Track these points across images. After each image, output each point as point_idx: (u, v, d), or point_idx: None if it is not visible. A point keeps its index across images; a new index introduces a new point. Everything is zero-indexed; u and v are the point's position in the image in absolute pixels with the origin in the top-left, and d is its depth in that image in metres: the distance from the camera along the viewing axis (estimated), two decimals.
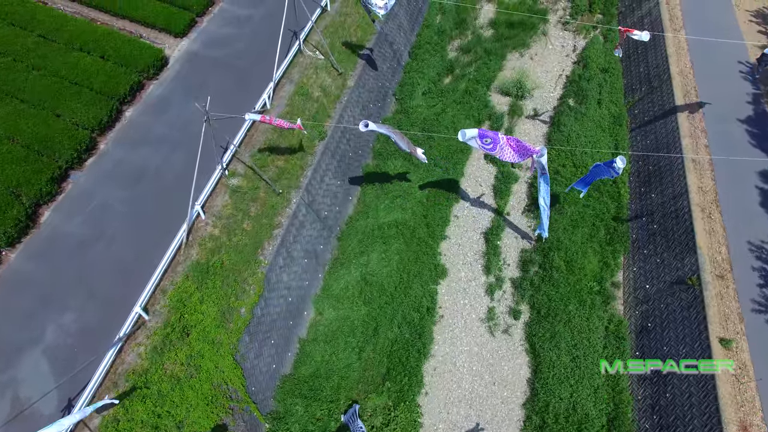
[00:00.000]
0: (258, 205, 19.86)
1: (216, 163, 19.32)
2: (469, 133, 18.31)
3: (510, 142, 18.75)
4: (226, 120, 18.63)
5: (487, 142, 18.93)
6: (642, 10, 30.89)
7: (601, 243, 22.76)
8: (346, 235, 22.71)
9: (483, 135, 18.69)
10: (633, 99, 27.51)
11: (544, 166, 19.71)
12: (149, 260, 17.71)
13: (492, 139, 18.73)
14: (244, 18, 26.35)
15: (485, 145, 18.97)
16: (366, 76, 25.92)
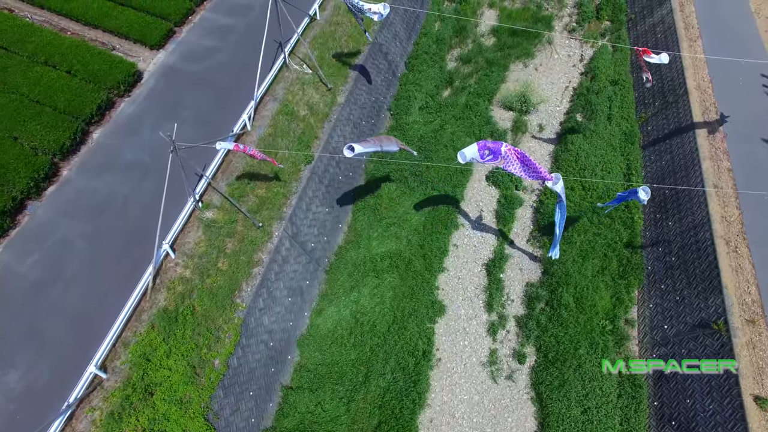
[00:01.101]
0: (235, 241, 17.63)
1: (188, 195, 17.08)
2: (468, 153, 15.96)
3: (515, 153, 16.37)
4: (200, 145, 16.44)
5: (487, 154, 16.59)
6: (654, 17, 28.53)
7: (613, 276, 20.52)
8: (335, 268, 20.48)
9: (482, 148, 16.34)
10: (646, 114, 25.21)
11: (561, 194, 17.47)
12: (111, 307, 15.48)
13: (492, 150, 16.36)
14: (227, 28, 24.02)
15: (486, 158, 16.61)
16: (358, 91, 23.61)
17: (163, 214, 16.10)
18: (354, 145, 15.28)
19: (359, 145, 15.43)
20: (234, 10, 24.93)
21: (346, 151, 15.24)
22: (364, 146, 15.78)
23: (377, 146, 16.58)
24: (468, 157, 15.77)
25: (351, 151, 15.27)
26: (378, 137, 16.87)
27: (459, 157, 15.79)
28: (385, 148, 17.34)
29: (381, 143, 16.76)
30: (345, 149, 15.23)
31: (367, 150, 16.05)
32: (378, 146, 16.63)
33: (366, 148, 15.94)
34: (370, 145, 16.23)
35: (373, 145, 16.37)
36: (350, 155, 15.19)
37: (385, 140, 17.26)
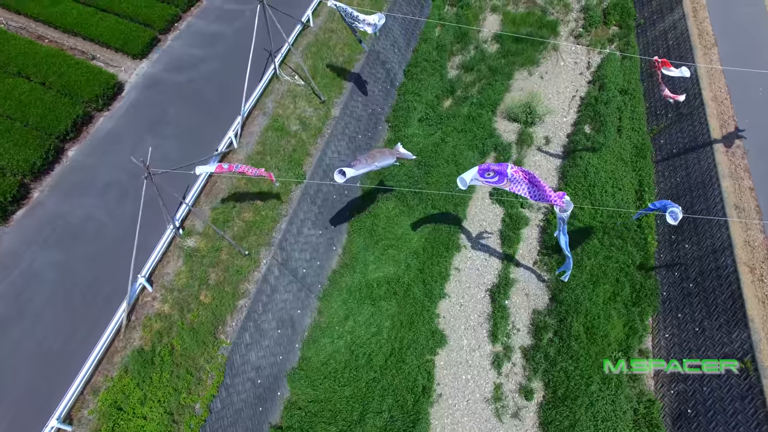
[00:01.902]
0: (219, 271, 16.03)
1: (167, 222, 15.48)
2: (468, 177, 14.34)
3: (523, 174, 14.70)
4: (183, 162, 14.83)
5: (491, 176, 14.94)
6: (665, 22, 26.85)
7: (626, 302, 18.92)
8: (329, 294, 18.87)
9: (484, 170, 14.72)
10: (658, 126, 23.56)
11: (565, 221, 15.98)
12: (80, 347, 13.87)
13: (497, 172, 14.73)
14: (215, 35, 22.34)
15: (489, 179, 14.96)
16: (354, 103, 21.97)
17: (140, 244, 14.52)
18: (345, 169, 13.69)
19: (351, 169, 13.84)
20: (223, 15, 23.25)
21: (336, 176, 13.65)
22: (356, 168, 14.21)
23: (371, 165, 15.00)
24: (468, 181, 14.16)
25: (342, 176, 13.69)
26: (370, 154, 15.26)
27: (459, 183, 14.15)
28: (380, 165, 15.76)
29: (374, 160, 15.14)
30: (336, 174, 13.65)
31: (360, 172, 14.50)
32: (372, 165, 15.04)
33: (359, 170, 14.37)
34: (362, 166, 14.63)
35: (366, 165, 14.77)
36: (342, 181, 13.61)
37: (378, 155, 15.61)
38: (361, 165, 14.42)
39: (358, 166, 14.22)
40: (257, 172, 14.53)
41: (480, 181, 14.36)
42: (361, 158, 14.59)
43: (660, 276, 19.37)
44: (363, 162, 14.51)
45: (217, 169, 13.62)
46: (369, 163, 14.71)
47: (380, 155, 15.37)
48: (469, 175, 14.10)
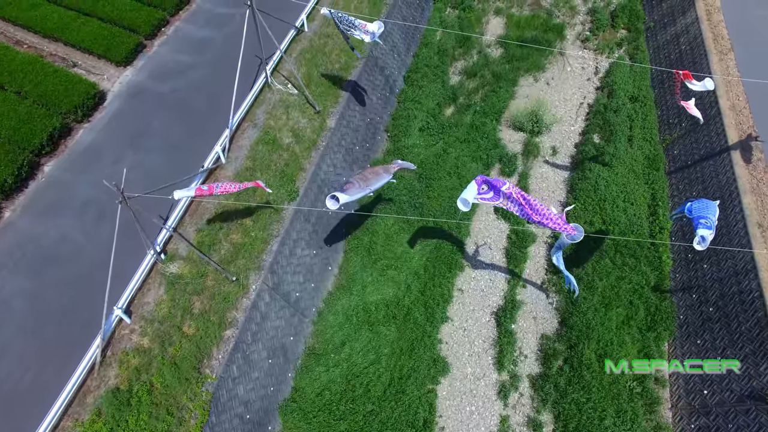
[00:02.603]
0: (205, 299, 14.65)
1: (146, 248, 14.10)
2: (470, 195, 12.84)
3: (521, 197, 13.14)
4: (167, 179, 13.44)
5: (485, 190, 13.41)
6: (676, 26, 25.41)
7: (640, 327, 17.56)
8: (324, 318, 17.50)
9: (479, 184, 13.18)
10: (671, 136, 22.16)
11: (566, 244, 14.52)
12: (48, 387, 12.48)
13: (492, 187, 13.18)
14: (204, 41, 20.90)
15: (484, 195, 13.39)
16: (351, 112, 20.55)
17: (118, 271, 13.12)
18: (338, 194, 12.33)
19: (344, 195, 12.49)
20: (213, 20, 21.81)
21: (329, 202, 12.30)
22: (350, 193, 12.88)
23: (365, 189, 13.69)
24: (470, 200, 12.70)
25: (335, 202, 12.33)
26: (363, 176, 13.96)
27: (460, 205, 12.67)
28: (374, 187, 14.49)
29: (368, 183, 13.84)
30: (328, 200, 12.30)
31: (354, 197, 13.17)
32: (366, 189, 13.74)
33: (353, 195, 13.05)
34: (356, 190, 13.30)
35: (359, 189, 13.45)
36: (335, 207, 12.25)
37: (371, 177, 14.31)
38: (355, 189, 13.08)
39: (352, 191, 12.87)
40: (242, 186, 13.14)
41: (477, 198, 12.93)
42: (353, 181, 13.24)
43: (676, 298, 18.00)
44: (356, 185, 13.16)
45: (197, 192, 12.22)
46: (363, 187, 13.38)
47: (373, 176, 14.06)
48: (469, 193, 12.65)
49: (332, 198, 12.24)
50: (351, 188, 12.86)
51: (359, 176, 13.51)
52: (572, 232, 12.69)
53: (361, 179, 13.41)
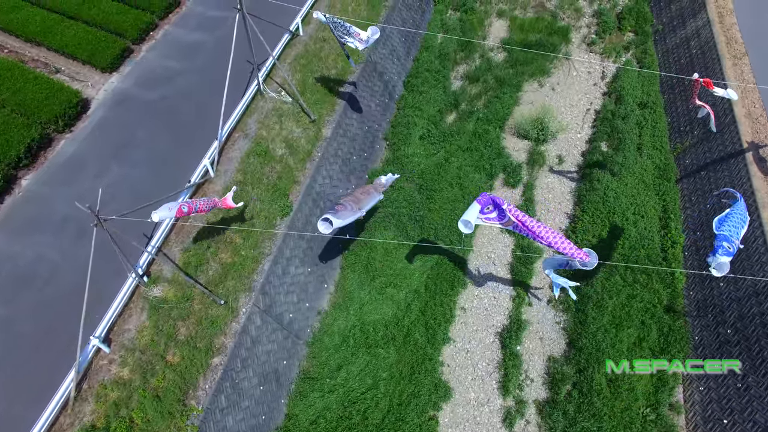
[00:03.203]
0: (191, 324, 13.58)
1: (127, 271, 13.03)
2: (472, 216, 11.74)
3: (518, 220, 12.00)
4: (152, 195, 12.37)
5: (489, 210, 12.33)
6: (686, 29, 24.27)
7: (653, 349, 16.47)
8: (319, 340, 16.43)
9: (484, 204, 12.14)
10: (682, 144, 21.05)
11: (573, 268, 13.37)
12: (18, 423, 11.44)
13: (496, 206, 12.05)
14: (195, 45, 19.77)
15: (488, 215, 12.34)
16: (348, 120, 19.44)
17: (96, 295, 12.19)
18: (332, 218, 11.30)
19: (337, 219, 11.47)
20: (205, 23, 20.66)
21: (321, 226, 11.29)
22: (343, 217, 11.91)
23: (357, 211, 12.77)
24: (473, 221, 11.61)
25: (329, 226, 11.31)
26: (354, 197, 13.04)
27: (462, 227, 11.55)
28: (367, 207, 13.61)
29: (360, 204, 12.93)
30: (320, 224, 11.28)
31: (348, 220, 12.18)
32: (358, 211, 12.82)
33: (346, 218, 12.08)
34: (349, 213, 12.35)
35: (352, 212, 12.52)
36: (328, 232, 11.24)
37: (363, 197, 13.48)
38: (348, 212, 12.10)
39: (344, 213, 11.88)
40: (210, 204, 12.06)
41: (481, 219, 11.84)
42: (345, 203, 12.25)
43: (690, 318, 16.92)
44: (349, 208, 12.18)
45: (178, 213, 11.15)
46: (355, 209, 12.45)
47: (365, 196, 13.15)
48: (472, 213, 11.56)
49: (325, 221, 11.21)
50: (344, 211, 11.85)
51: (350, 198, 12.54)
52: (585, 257, 11.58)
53: (353, 201, 12.43)
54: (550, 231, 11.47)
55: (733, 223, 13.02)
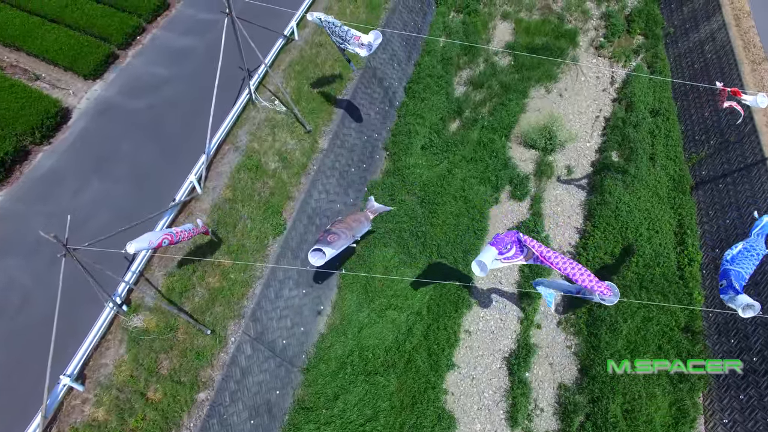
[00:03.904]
0: (174, 357, 12.40)
1: (104, 300, 11.85)
2: (488, 259, 10.58)
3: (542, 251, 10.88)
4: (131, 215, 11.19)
5: (508, 249, 11.21)
6: (700, 32, 23.03)
7: (671, 377, 15.32)
8: (315, 366, 15.25)
9: (499, 243, 11.02)
10: (697, 155, 19.83)
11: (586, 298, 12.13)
12: None
13: (513, 242, 10.99)
14: (184, 51, 18.52)
15: (506, 254, 11.22)
16: (346, 130, 18.21)
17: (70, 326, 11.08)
18: (324, 248, 10.22)
19: (330, 248, 10.40)
20: (195, 27, 19.40)
21: (312, 258, 10.22)
22: (335, 246, 10.91)
23: (350, 239, 11.81)
24: (489, 264, 10.41)
25: (321, 257, 10.22)
26: (346, 223, 12.13)
27: (476, 269, 10.32)
28: (358, 235, 12.73)
29: (352, 231, 12.01)
30: (311, 255, 10.21)
31: (340, 249, 11.17)
32: (350, 238, 11.86)
33: (340, 247, 11.10)
34: (342, 241, 11.39)
35: (345, 239, 11.62)
36: (320, 264, 10.15)
37: (354, 224, 12.71)
38: (340, 240, 11.14)
39: (337, 243, 10.88)
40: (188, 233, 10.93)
41: (500, 260, 10.65)
42: (337, 230, 11.24)
43: (711, 342, 15.74)
44: (342, 236, 11.22)
45: (158, 245, 9.97)
46: (348, 236, 11.52)
47: (356, 223, 12.32)
48: (488, 255, 10.36)
49: (317, 252, 10.10)
50: (336, 241, 10.80)
51: (342, 224, 11.54)
52: (606, 292, 10.37)
53: (346, 228, 11.45)
54: (569, 262, 10.30)
55: (746, 259, 11.71)
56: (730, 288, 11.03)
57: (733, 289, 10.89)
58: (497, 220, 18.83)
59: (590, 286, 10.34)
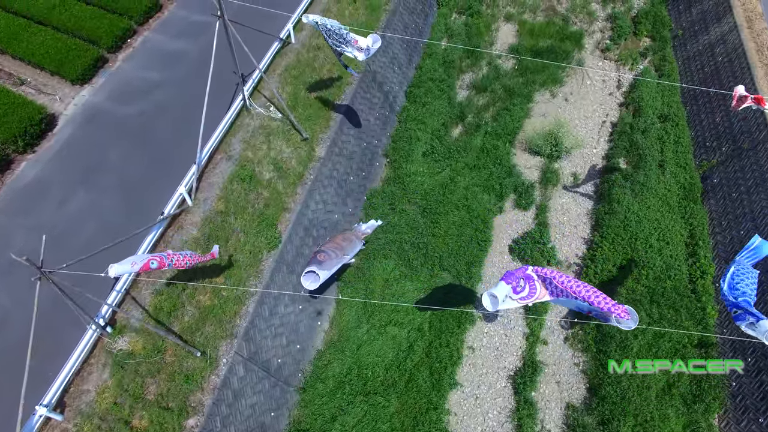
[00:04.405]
0: (162, 381, 11.66)
1: (86, 323, 11.09)
2: (501, 294, 9.80)
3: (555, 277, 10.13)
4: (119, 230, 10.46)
5: (521, 288, 10.44)
6: (710, 35, 22.25)
7: (685, 397, 14.56)
8: (311, 386, 14.47)
9: (512, 278, 10.22)
10: (709, 162, 19.08)
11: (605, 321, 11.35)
12: None
13: (525, 280, 10.23)
14: (177, 54, 17.74)
15: (520, 293, 10.46)
16: (344, 137, 17.44)
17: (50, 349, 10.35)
18: (317, 270, 9.56)
19: (323, 269, 9.75)
20: (188, 29, 18.61)
21: (306, 281, 9.57)
22: (329, 266, 10.35)
23: (342, 258, 11.25)
24: (501, 298, 9.56)
25: (315, 280, 9.54)
26: (336, 243, 11.52)
27: (487, 302, 9.43)
28: (351, 255, 12.10)
29: (343, 251, 11.46)
30: (304, 279, 9.54)
31: (334, 269, 10.52)
32: (342, 258, 11.28)
33: (332, 267, 10.54)
34: (335, 261, 10.82)
35: (337, 259, 11.06)
36: (315, 287, 9.48)
37: (345, 244, 12.20)
38: (333, 261, 10.56)
39: (330, 263, 10.25)
40: (199, 259, 10.16)
41: (515, 299, 9.78)
42: (327, 250, 10.65)
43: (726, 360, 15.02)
44: (333, 256, 10.65)
45: (144, 268, 9.21)
46: (339, 256, 11.00)
47: (347, 243, 11.82)
48: (501, 290, 9.53)
49: (310, 275, 9.40)
50: (328, 261, 10.16)
51: (332, 244, 10.97)
52: (624, 316, 9.60)
53: (336, 248, 10.83)
54: (584, 286, 9.52)
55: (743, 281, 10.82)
56: (747, 314, 10.24)
57: (752, 314, 10.10)
58: (501, 230, 18.08)
59: (607, 308, 9.58)
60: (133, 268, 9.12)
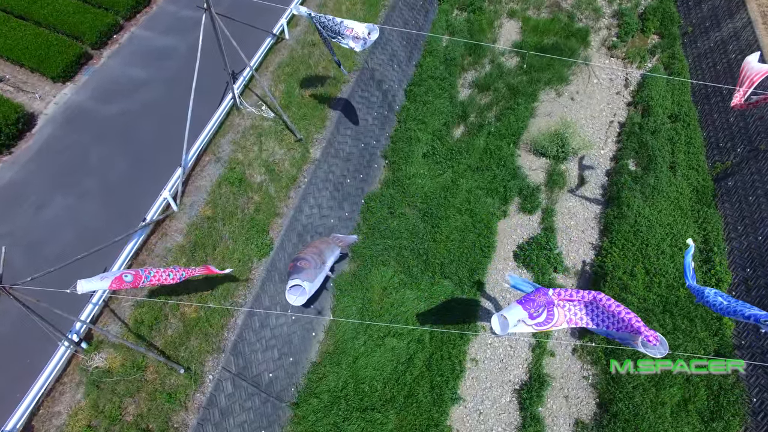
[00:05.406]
0: (142, 401, 10.79)
1: (57, 340, 10.21)
2: (513, 318, 8.89)
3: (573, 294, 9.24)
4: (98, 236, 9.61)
5: (539, 313, 9.51)
6: (722, 31, 21.36)
7: (702, 414, 13.70)
8: (305, 401, 13.61)
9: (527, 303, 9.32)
10: (722, 164, 18.22)
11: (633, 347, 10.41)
12: None
13: (544, 306, 9.35)
14: (165, 51, 16.87)
15: (537, 318, 9.55)
16: (341, 137, 16.57)
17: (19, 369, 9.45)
18: (303, 283, 8.81)
19: (307, 280, 8.99)
20: (176, 25, 17.75)
21: (292, 297, 8.84)
22: (311, 274, 9.68)
23: (324, 267, 10.69)
24: (513, 323, 8.66)
25: (303, 293, 8.75)
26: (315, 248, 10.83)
27: (496, 325, 8.52)
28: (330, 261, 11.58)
29: (323, 257, 10.80)
30: (291, 296, 8.74)
31: (319, 282, 9.88)
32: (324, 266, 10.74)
33: (315, 276, 9.91)
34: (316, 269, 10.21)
35: (320, 268, 10.69)
36: (303, 302, 8.70)
37: (324, 248, 11.67)
38: (314, 269, 9.78)
39: (311, 272, 9.58)
40: (187, 273, 9.26)
41: (529, 325, 8.88)
42: (307, 257, 10.04)
43: (746, 373, 14.17)
44: (313, 263, 9.85)
45: (117, 285, 8.32)
46: (319, 264, 10.28)
47: (325, 246, 11.28)
48: (513, 314, 8.60)
49: (296, 288, 8.59)
50: (310, 268, 9.50)
51: (311, 249, 10.29)
52: (653, 341, 8.61)
53: (315, 252, 10.19)
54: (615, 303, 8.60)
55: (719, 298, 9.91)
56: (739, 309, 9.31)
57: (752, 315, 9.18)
58: (506, 235, 17.20)
59: (637, 326, 8.64)
60: (103, 285, 8.24)
